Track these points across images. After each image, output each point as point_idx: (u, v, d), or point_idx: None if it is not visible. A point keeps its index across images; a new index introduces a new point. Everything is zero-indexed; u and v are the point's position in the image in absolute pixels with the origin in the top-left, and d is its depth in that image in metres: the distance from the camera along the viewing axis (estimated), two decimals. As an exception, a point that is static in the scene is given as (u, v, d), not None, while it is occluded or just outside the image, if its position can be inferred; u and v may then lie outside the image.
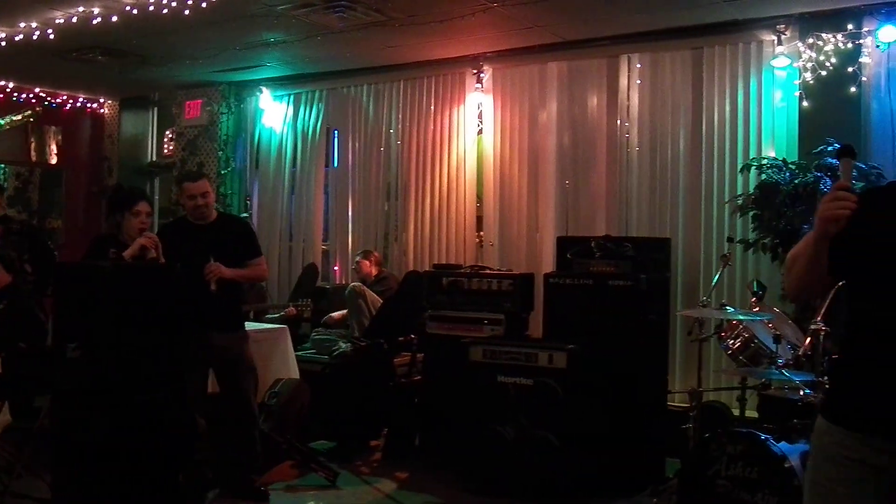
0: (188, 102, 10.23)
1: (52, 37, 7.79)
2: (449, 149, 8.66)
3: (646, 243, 6.47)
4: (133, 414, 4.52)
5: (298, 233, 9.79)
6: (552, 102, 8.04)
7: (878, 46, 6.58)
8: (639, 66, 7.64)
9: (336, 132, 9.70)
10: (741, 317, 5.31)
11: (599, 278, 5.98)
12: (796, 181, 6.22)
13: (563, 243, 6.61)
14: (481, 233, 8.46)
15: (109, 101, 11.60)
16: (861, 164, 5.99)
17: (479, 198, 8.49)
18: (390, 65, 8.89)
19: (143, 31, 7.71)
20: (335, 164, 9.71)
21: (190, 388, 5.21)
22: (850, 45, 6.66)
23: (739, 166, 6.99)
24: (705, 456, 4.73)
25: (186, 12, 6.95)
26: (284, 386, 6.55)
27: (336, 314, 8.00)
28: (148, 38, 7.99)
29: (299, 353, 7.26)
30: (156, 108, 11.35)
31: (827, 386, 4.14)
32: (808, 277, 2.57)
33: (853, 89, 6.58)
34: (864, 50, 6.63)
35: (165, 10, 6.95)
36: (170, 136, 10.96)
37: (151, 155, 11.38)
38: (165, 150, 11.13)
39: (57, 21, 7.50)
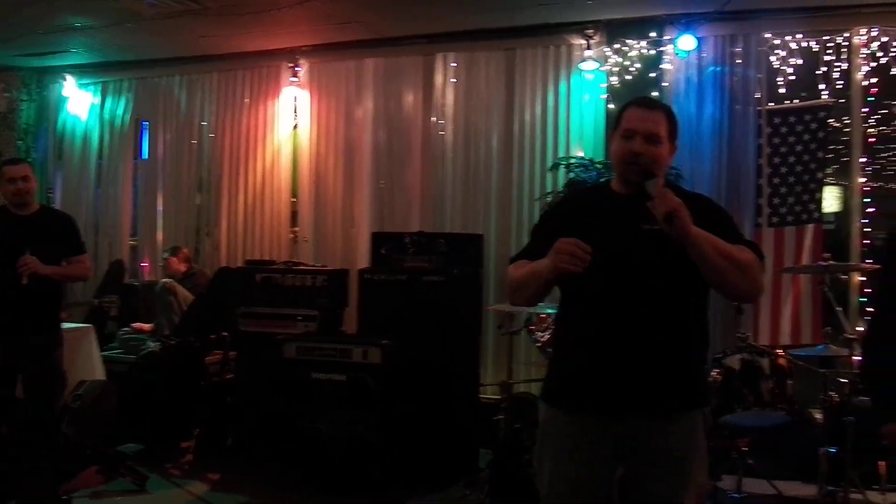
0: (-16, 88, 9.64)
1: None
2: (263, 143, 8.54)
3: (459, 239, 6.57)
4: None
5: (104, 227, 9.39)
6: (368, 99, 8.07)
7: (677, 54, 6.94)
8: (454, 64, 7.76)
9: (146, 123, 9.37)
10: (549, 310, 5.46)
11: (413, 274, 6.04)
12: (602, 180, 6.46)
13: (378, 239, 6.63)
14: (296, 228, 8.38)
15: None
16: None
17: (295, 193, 8.41)
18: (204, 55, 8.65)
19: (-68, 10, 7.21)
20: (144, 157, 9.37)
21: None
22: (652, 52, 7.00)
23: (549, 165, 7.23)
24: (516, 446, 4.86)
25: (-19, -9, 6.56)
26: (89, 387, 6.31)
27: (145, 325, 7.69)
28: (-62, 18, 7.47)
29: (106, 352, 6.99)
30: (-52, 93, 10.61)
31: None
32: (539, 296, 2.91)
33: (655, 93, 6.90)
34: (665, 57, 6.99)
35: (-43, -12, 6.53)
36: (-36, 122, 10.28)
37: (-57, 143, 10.63)
38: (-42, 139, 10.43)
39: None
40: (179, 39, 8.05)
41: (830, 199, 7.03)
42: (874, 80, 6.58)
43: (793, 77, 6.72)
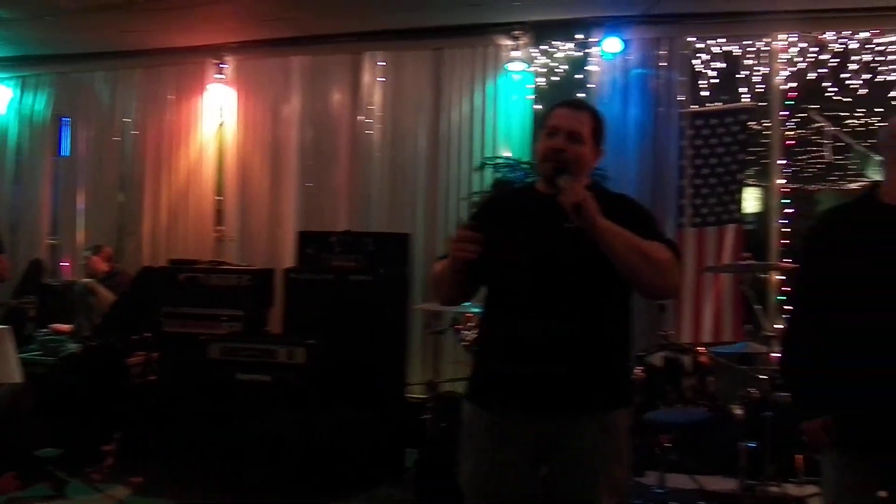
0: None
1: None
2: (188, 140, 8.42)
3: (386, 238, 6.57)
4: None
5: (23, 226, 9.14)
6: (295, 97, 8.02)
7: (603, 56, 7.03)
8: (382, 63, 7.74)
9: (66, 119, 9.16)
10: (475, 310, 5.48)
11: (339, 273, 6.03)
12: (528, 180, 6.51)
13: (305, 238, 6.58)
14: (221, 227, 8.27)
15: None
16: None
17: (220, 191, 8.30)
18: (127, 51, 8.50)
19: None
20: (65, 153, 9.16)
21: None
22: (579, 54, 7.08)
23: (476, 165, 7.26)
24: (442, 445, 4.86)
25: None
26: (5, 391, 6.13)
27: (64, 326, 7.52)
28: None
29: (24, 354, 6.80)
30: None
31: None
32: (457, 291, 2.97)
33: (581, 95, 6.97)
34: (591, 59, 7.07)
35: None
36: None
37: None
38: None
39: None
40: (102, 34, 7.89)
41: (750, 200, 7.18)
42: (793, 85, 6.76)
43: (715, 80, 6.86)
